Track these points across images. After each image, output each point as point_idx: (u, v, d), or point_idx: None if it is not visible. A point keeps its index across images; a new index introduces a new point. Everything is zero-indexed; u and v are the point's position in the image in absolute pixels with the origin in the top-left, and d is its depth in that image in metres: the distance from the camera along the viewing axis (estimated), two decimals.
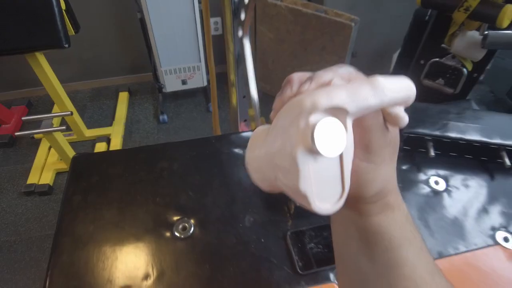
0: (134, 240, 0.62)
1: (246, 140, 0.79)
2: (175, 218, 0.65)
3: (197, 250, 0.61)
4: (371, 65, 2.49)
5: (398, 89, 0.24)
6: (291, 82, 0.27)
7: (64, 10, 1.52)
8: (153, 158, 0.75)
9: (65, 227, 0.64)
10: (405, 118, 0.26)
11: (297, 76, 0.27)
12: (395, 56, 2.23)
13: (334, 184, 0.25)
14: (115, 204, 0.67)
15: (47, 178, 1.93)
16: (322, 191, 0.24)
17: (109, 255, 0.60)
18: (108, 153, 0.77)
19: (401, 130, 0.76)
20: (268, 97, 2.40)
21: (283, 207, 0.67)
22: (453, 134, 0.72)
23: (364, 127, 0.26)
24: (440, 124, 0.73)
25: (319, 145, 0.21)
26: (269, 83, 2.37)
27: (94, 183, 0.70)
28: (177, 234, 0.63)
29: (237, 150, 0.77)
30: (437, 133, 0.72)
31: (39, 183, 1.91)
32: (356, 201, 0.28)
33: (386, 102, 0.23)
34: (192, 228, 0.63)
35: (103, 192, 0.69)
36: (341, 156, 0.25)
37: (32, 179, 1.92)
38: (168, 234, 0.63)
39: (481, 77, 2.60)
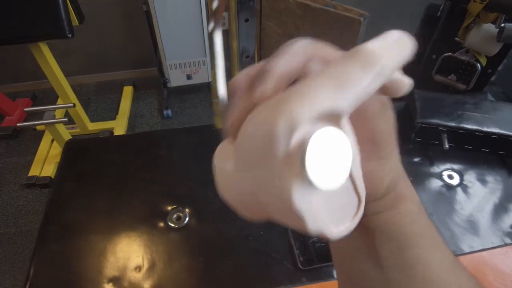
0: (125, 230, 0.58)
1: None
2: (170, 207, 0.61)
3: (191, 241, 0.57)
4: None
5: (394, 51, 0.17)
6: (237, 90, 0.20)
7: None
8: (151, 145, 0.71)
9: (53, 215, 0.61)
10: (406, 82, 0.19)
11: (244, 77, 0.20)
12: None
13: (348, 200, 0.20)
14: (108, 192, 0.63)
15: (48, 170, 1.91)
16: (336, 214, 0.19)
17: (98, 245, 0.57)
18: (103, 139, 0.73)
19: (413, 121, 0.71)
20: None
21: None
22: (469, 126, 0.67)
23: (363, 116, 0.20)
24: (456, 114, 0.69)
25: (318, 178, 0.15)
26: None
27: (86, 169, 0.67)
28: (171, 224, 0.59)
29: None
30: (452, 124, 0.67)
31: (41, 175, 1.89)
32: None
33: (385, 75, 0.16)
34: (187, 218, 0.59)
35: (95, 179, 0.65)
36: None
37: (34, 171, 1.90)
38: (161, 224, 0.59)
39: (493, 78, 2.54)
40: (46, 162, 1.95)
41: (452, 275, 0.24)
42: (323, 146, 0.15)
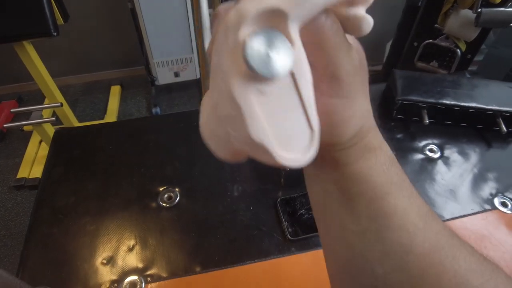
0: (117, 211, 0.59)
1: None
2: (161, 188, 0.62)
3: (182, 218, 0.58)
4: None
5: None
6: (217, 16, 0.21)
7: None
8: (139, 131, 0.72)
9: (45, 199, 0.61)
10: (368, 19, 0.20)
11: (223, 7, 0.21)
12: (389, 46, 2.22)
13: (298, 125, 0.19)
14: (98, 176, 0.64)
15: (37, 172, 1.89)
16: (284, 135, 0.18)
17: (91, 226, 0.58)
18: (92, 127, 0.74)
19: (394, 99, 0.73)
20: None
21: (274, 177, 0.64)
22: (448, 101, 0.70)
23: (323, 48, 0.19)
24: (435, 91, 0.71)
25: (255, 63, 0.16)
26: None
27: (76, 155, 0.68)
28: (162, 203, 0.60)
29: None
30: (431, 100, 0.70)
31: (29, 177, 1.87)
32: (330, 150, 0.23)
33: None
34: (178, 198, 0.61)
35: (85, 165, 0.66)
36: (295, 82, 0.18)
37: (23, 173, 1.89)
38: (153, 204, 0.60)
39: (475, 68, 2.59)
40: (34, 164, 1.93)
41: (428, 224, 0.24)
42: (264, 43, 0.16)
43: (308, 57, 0.19)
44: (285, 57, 0.16)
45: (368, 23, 0.20)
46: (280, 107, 0.18)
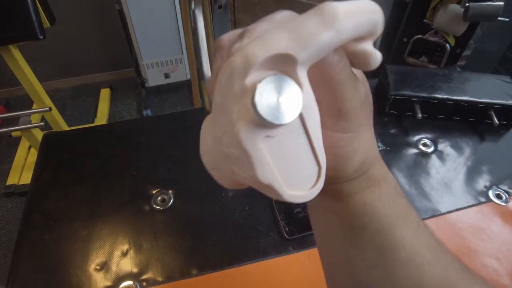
0: (110, 215, 0.58)
1: None
2: (154, 190, 0.61)
3: (177, 221, 0.57)
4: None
5: (358, 12, 0.17)
6: (219, 47, 0.20)
7: (37, 0, 1.46)
8: (129, 133, 0.71)
9: (35, 205, 0.60)
10: (376, 54, 0.19)
11: (226, 38, 0.21)
12: (378, 41, 2.23)
13: (306, 163, 0.19)
14: (89, 179, 0.63)
15: (27, 178, 1.86)
16: (292, 175, 0.19)
17: (83, 231, 0.56)
18: (80, 130, 0.72)
19: (387, 94, 0.73)
20: None
21: None
22: (440, 95, 0.70)
23: (329, 83, 0.19)
24: (427, 85, 0.71)
25: (264, 111, 0.15)
26: None
27: (66, 159, 0.66)
28: (155, 206, 0.59)
29: None
30: (424, 94, 0.70)
31: (19, 183, 1.84)
32: (333, 182, 0.23)
33: (345, 33, 0.16)
34: (172, 200, 0.60)
35: (75, 168, 0.65)
36: (303, 123, 0.18)
37: (12, 179, 1.85)
38: (146, 207, 0.59)
39: (463, 63, 2.62)
40: (24, 170, 1.90)
41: (437, 257, 0.23)
42: (272, 89, 0.16)
43: (314, 92, 0.18)
44: (295, 103, 0.16)
45: (376, 58, 0.19)
46: (288, 147, 0.18)
